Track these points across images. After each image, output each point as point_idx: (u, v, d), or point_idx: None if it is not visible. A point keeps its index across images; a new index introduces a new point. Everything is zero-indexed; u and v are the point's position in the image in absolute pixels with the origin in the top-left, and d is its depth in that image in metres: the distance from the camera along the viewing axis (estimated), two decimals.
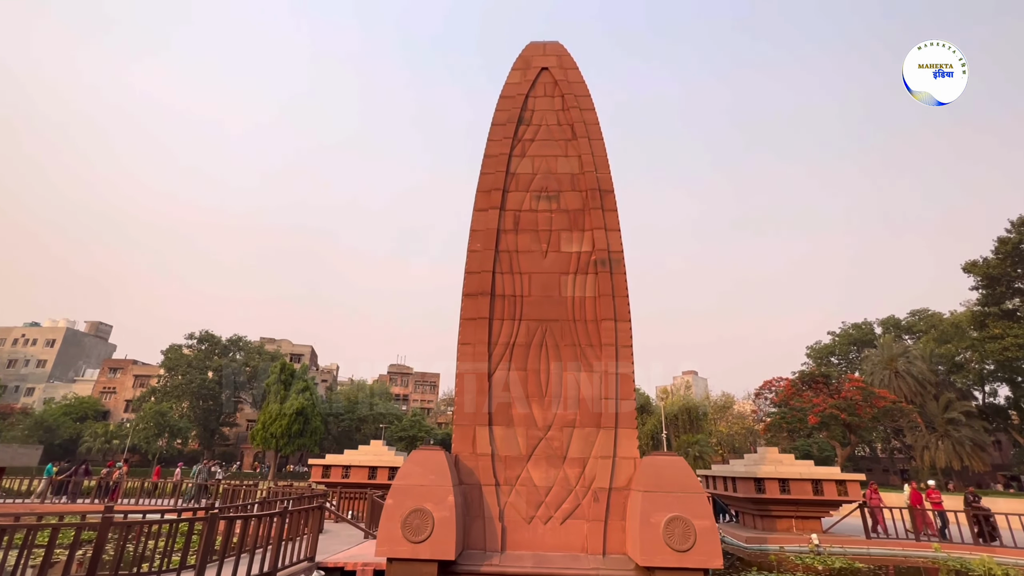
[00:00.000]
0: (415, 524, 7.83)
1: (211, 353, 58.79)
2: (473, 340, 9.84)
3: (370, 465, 18.59)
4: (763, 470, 15.60)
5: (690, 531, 7.57)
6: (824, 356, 59.50)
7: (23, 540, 6.82)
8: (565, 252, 10.47)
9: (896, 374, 44.67)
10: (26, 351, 75.93)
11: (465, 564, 8.11)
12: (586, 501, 8.78)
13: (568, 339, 9.83)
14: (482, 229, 10.65)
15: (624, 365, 9.49)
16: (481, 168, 11.19)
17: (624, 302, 9.88)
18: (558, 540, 8.59)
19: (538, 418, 9.40)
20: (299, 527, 9.15)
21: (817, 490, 15.24)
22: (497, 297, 10.19)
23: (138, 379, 70.63)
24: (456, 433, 9.44)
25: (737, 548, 14.27)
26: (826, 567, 11.43)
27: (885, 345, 47.95)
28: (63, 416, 56.73)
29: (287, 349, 74.85)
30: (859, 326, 58.85)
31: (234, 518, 8.33)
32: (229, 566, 7.41)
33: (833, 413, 36.48)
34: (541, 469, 9.05)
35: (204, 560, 6.82)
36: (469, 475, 9.04)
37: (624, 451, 9.01)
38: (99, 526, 6.50)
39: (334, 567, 9.11)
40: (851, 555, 13.11)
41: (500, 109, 11.77)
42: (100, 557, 6.28)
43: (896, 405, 37.89)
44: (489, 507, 8.80)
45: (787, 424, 41.02)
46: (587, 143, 11.14)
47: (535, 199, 10.94)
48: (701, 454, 42.84)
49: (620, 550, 8.42)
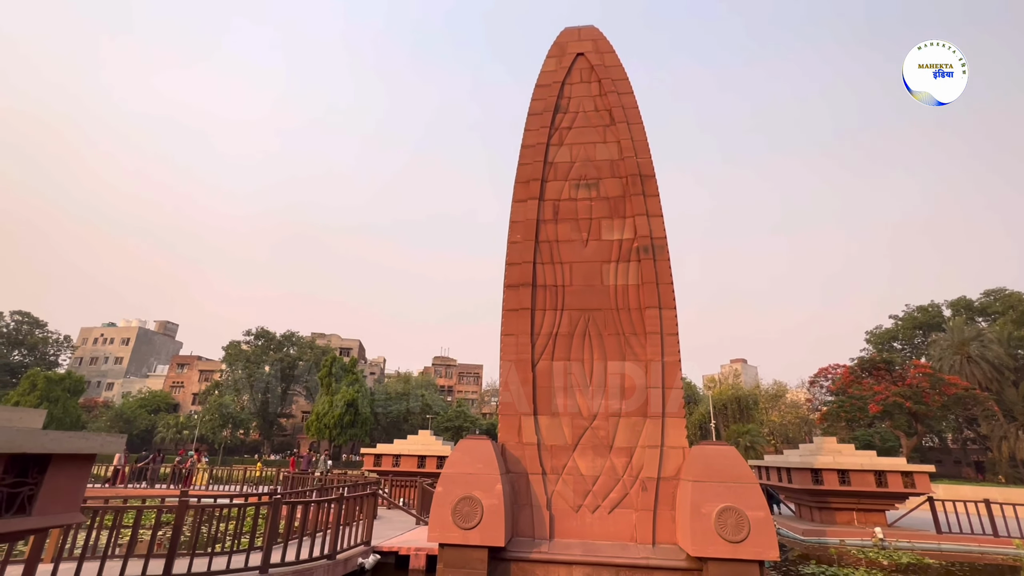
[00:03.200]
0: (465, 511, 8.02)
1: (267, 348, 61.92)
2: (516, 331, 9.90)
3: (419, 454, 19.12)
4: (820, 460, 14.95)
5: (743, 522, 7.38)
6: (885, 341, 56.00)
7: (112, 521, 7.48)
8: (606, 240, 10.33)
9: (968, 359, 41.54)
10: (105, 349, 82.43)
11: (514, 551, 8.25)
12: (634, 491, 8.71)
13: (611, 328, 9.73)
14: (521, 220, 10.66)
15: (670, 353, 9.30)
16: (519, 159, 11.18)
17: (668, 289, 9.67)
18: (606, 529, 8.58)
19: (583, 408, 9.38)
20: (355, 513, 9.56)
21: (881, 482, 14.45)
22: (539, 288, 10.20)
23: (203, 374, 75.35)
24: (502, 423, 9.56)
25: (794, 541, 13.79)
26: (892, 562, 10.86)
27: (956, 328, 44.59)
28: (139, 409, 61.38)
29: (336, 343, 77.77)
30: (925, 309, 54.98)
31: (295, 503, 8.79)
32: (293, 548, 7.86)
33: (897, 401, 34.40)
34: (588, 458, 9.04)
35: (270, 542, 7.26)
36: (516, 464, 9.15)
37: (672, 440, 8.87)
38: (177, 509, 7.03)
39: (389, 551, 9.47)
40: (920, 550, 12.39)
41: (536, 98, 11.69)
42: (179, 537, 6.79)
43: (969, 392, 35.31)
44: (536, 496, 8.89)
45: (845, 413, 39.00)
46: (626, 128, 10.90)
47: (574, 187, 10.83)
48: (752, 444, 41.45)
49: (670, 540, 8.32)
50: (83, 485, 4.01)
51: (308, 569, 7.53)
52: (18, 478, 3.57)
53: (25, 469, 3.61)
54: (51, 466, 3.74)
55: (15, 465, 3.53)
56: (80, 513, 4.08)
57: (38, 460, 3.67)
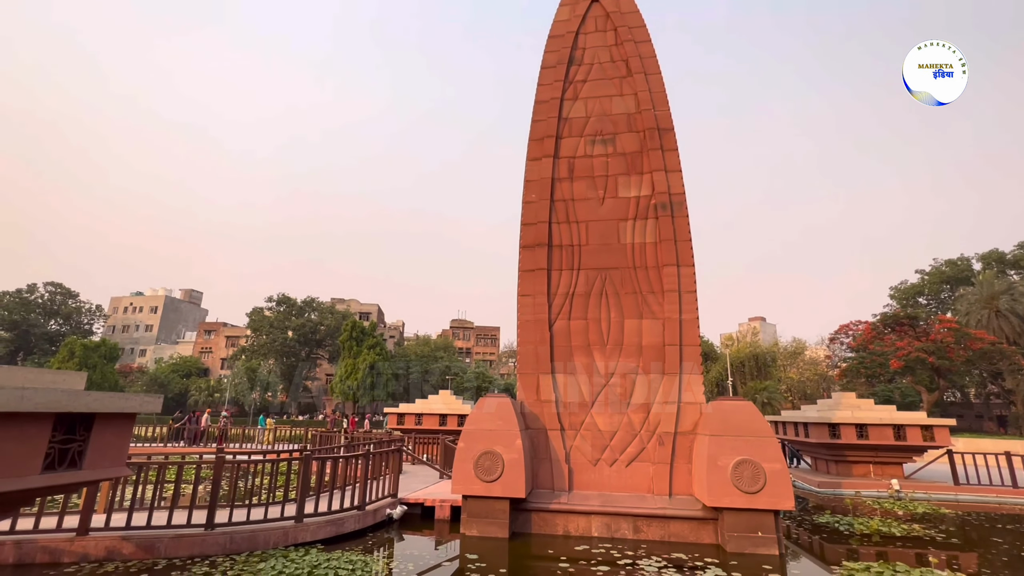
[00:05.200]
0: (486, 465, 8.31)
1: (289, 314, 63.43)
2: (532, 291, 9.93)
3: (440, 413, 19.71)
4: (839, 415, 14.98)
5: (760, 473, 7.52)
6: (910, 297, 54.72)
7: (156, 476, 7.95)
8: (623, 197, 10.13)
9: (997, 313, 40.46)
10: (135, 318, 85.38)
11: (535, 502, 8.58)
12: (651, 445, 8.89)
13: (628, 287, 9.68)
14: (536, 179, 10.48)
15: (688, 311, 9.26)
16: (532, 115, 10.89)
17: (687, 246, 9.52)
18: (624, 481, 8.84)
19: (600, 366, 9.48)
20: (381, 468, 9.99)
21: (899, 435, 14.49)
22: (555, 247, 10.13)
23: (229, 339, 77.84)
24: (520, 382, 9.74)
25: (809, 492, 14.03)
26: (907, 512, 11.01)
27: (985, 282, 43.22)
28: (172, 373, 64.04)
29: (356, 308, 79.16)
30: (954, 262, 53.21)
31: (325, 459, 9.21)
32: (324, 500, 8.29)
33: (920, 357, 33.96)
34: (605, 415, 9.21)
35: (303, 494, 7.66)
36: (535, 420, 9.38)
37: (689, 397, 8.95)
38: (215, 464, 7.43)
39: (415, 502, 9.93)
40: (936, 501, 12.52)
41: (549, 51, 11.24)
42: (218, 490, 7.21)
43: (996, 346, 34.61)
44: (555, 450, 9.14)
45: (865, 369, 38.76)
46: (643, 79, 10.47)
47: (590, 144, 10.56)
48: (769, 400, 41.64)
49: (686, 491, 8.54)
50: (127, 442, 4.25)
51: (340, 519, 7.96)
52: (67, 435, 3.79)
53: (73, 427, 3.83)
54: (96, 424, 3.96)
55: (63, 424, 3.75)
56: (126, 467, 4.34)
57: (84, 419, 3.89)
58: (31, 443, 3.50)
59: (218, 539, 6.85)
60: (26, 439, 3.46)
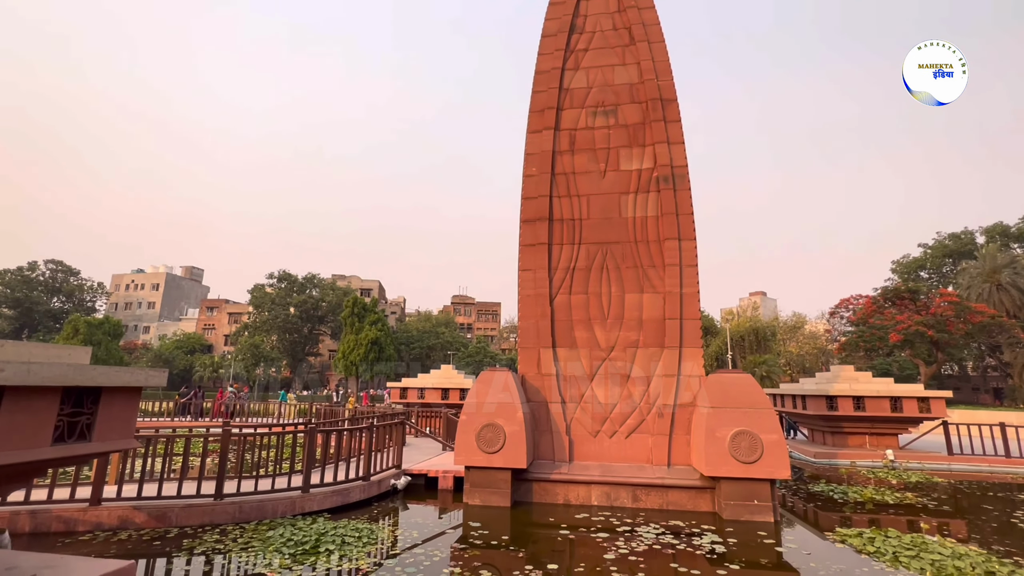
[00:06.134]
0: (488, 437, 8.46)
1: (290, 290, 63.61)
2: (533, 266, 9.91)
3: (442, 387, 19.96)
4: (836, 388, 15.15)
5: (757, 444, 7.65)
6: (912, 271, 54.67)
7: (164, 449, 8.10)
8: (625, 170, 10.01)
9: (998, 287, 40.46)
10: (137, 295, 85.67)
11: (536, 472, 8.76)
12: (650, 417, 9.03)
13: (629, 261, 9.66)
14: (537, 152, 10.35)
15: (688, 285, 9.26)
16: (533, 86, 10.67)
17: (689, 220, 9.45)
18: (623, 452, 9.00)
19: (601, 340, 9.54)
20: (385, 440, 10.17)
21: (896, 407, 14.68)
22: (555, 222, 10.07)
23: (232, 316, 78.28)
24: (521, 355, 9.82)
25: (805, 463, 14.31)
26: (900, 481, 11.24)
27: (988, 255, 43.06)
28: (176, 350, 64.68)
29: (357, 284, 79.31)
30: (957, 236, 52.96)
31: (330, 431, 9.37)
32: (330, 471, 8.47)
33: (919, 330, 34.12)
34: (605, 388, 9.32)
35: (309, 465, 7.83)
36: (536, 393, 9.49)
37: (689, 369, 9.04)
38: (222, 437, 7.57)
39: (418, 473, 10.14)
40: (929, 470, 12.77)
41: (549, 18, 10.93)
42: (226, 462, 7.37)
43: (995, 320, 34.73)
44: (556, 422, 9.29)
45: (865, 343, 39.00)
46: (647, 48, 10.22)
47: (591, 115, 10.37)
48: (768, 374, 42.03)
49: (685, 462, 8.70)
50: (134, 415, 4.32)
51: (345, 489, 8.15)
52: (75, 409, 3.85)
53: (80, 401, 3.89)
54: (103, 398, 4.02)
55: (70, 397, 3.80)
56: (134, 439, 4.42)
57: (91, 392, 3.94)
58: (40, 416, 3.55)
59: (227, 508, 7.03)
60: (35, 412, 3.52)
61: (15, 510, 6.44)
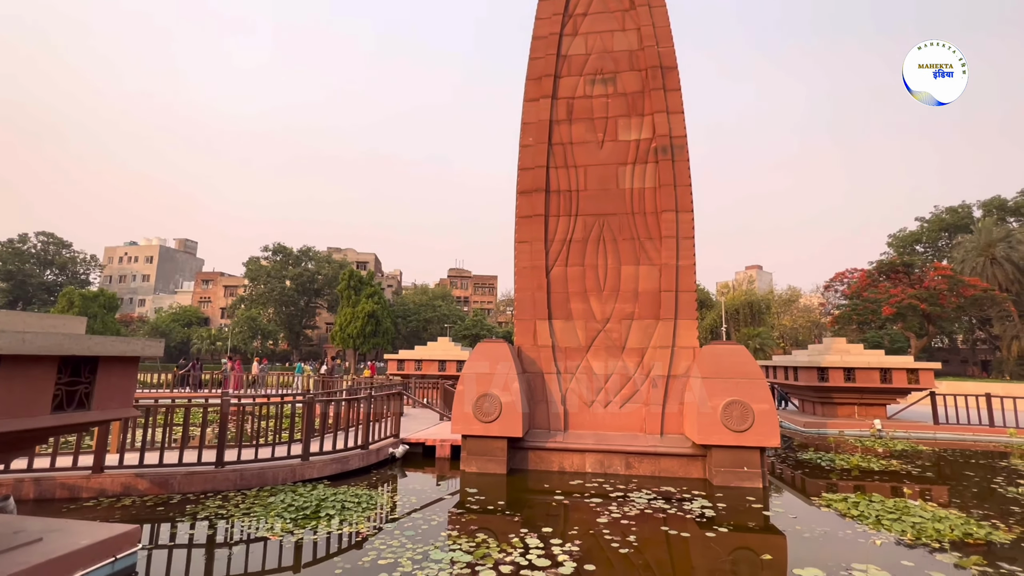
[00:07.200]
0: (485, 407, 8.59)
1: (285, 263, 63.26)
2: (529, 238, 9.87)
3: (439, 359, 20.17)
4: (828, 359, 15.38)
5: (748, 413, 7.80)
6: (908, 244, 54.72)
7: (164, 419, 8.20)
8: (623, 141, 9.87)
9: (992, 261, 40.66)
10: (131, 268, 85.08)
11: (532, 441, 8.93)
12: (644, 387, 9.16)
13: (626, 233, 9.63)
14: (533, 121, 10.16)
15: (685, 257, 9.26)
16: (530, 52, 10.39)
17: (686, 192, 9.38)
18: (617, 422, 9.17)
19: (596, 311, 9.59)
20: (383, 410, 10.32)
21: (885, 378, 14.95)
22: (552, 193, 9.98)
23: (227, 289, 78.04)
24: (517, 327, 9.88)
25: (794, 432, 14.64)
26: (887, 449, 11.55)
27: (984, 228, 43.10)
28: (172, 323, 64.65)
29: (353, 257, 78.91)
30: (954, 210, 52.82)
31: (328, 402, 9.49)
32: (329, 440, 8.62)
33: (912, 303, 34.44)
34: (600, 359, 9.42)
35: (308, 435, 7.95)
36: (532, 364, 9.60)
37: (683, 341, 9.13)
38: (221, 407, 7.65)
39: (416, 442, 10.33)
40: (915, 439, 13.10)
41: None
42: (226, 432, 7.48)
43: (988, 293, 35.05)
44: (552, 393, 9.42)
45: (858, 316, 39.38)
46: (647, 12, 9.93)
47: (589, 83, 10.15)
48: (762, 346, 42.55)
49: (677, 431, 8.89)
50: (132, 384, 4.35)
51: (344, 457, 8.31)
52: (73, 378, 3.87)
53: (78, 370, 3.90)
54: (101, 367, 4.03)
55: (67, 366, 3.81)
56: (133, 408, 4.46)
57: (88, 361, 3.95)
58: (37, 385, 3.57)
59: (229, 476, 7.16)
60: (32, 381, 3.53)
61: (19, 477, 6.55)
